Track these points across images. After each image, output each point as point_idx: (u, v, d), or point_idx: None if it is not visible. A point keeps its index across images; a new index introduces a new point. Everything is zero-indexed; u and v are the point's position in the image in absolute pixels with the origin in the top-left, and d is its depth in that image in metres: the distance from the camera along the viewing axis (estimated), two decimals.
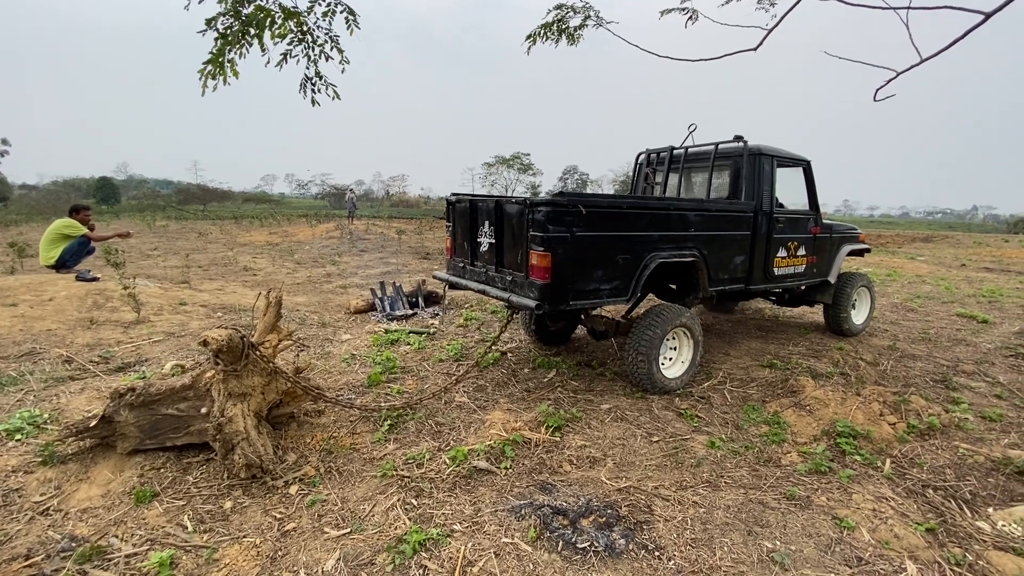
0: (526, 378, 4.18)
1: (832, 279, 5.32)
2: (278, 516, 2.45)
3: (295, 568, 2.13)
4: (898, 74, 2.53)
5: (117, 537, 2.26)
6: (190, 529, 2.34)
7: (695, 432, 3.38)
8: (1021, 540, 2.42)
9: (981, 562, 2.28)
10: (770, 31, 2.92)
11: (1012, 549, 2.36)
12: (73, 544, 2.18)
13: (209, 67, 2.34)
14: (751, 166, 4.42)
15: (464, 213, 4.10)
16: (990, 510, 2.68)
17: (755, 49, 2.98)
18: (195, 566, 2.13)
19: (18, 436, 2.86)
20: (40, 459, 2.66)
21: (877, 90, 2.62)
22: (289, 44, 2.65)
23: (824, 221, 5.14)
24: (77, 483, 2.57)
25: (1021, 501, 2.74)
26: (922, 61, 2.47)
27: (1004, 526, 2.53)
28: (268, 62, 2.62)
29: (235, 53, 2.38)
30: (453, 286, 4.35)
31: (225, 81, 2.42)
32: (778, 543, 2.34)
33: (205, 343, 2.55)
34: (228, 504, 2.51)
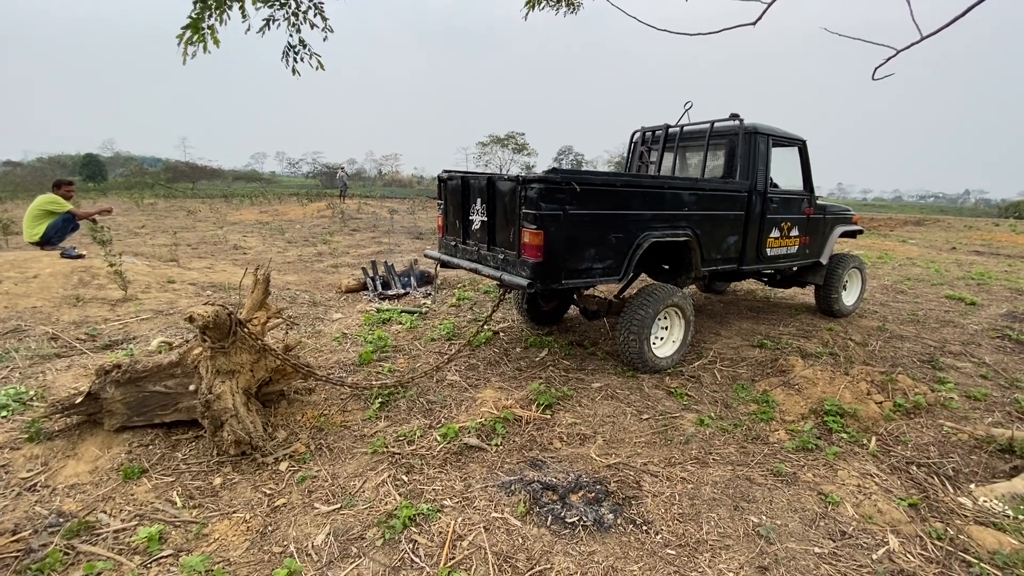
0: (518, 357, 4.18)
1: (824, 260, 5.33)
2: (268, 492, 2.45)
3: (285, 543, 2.13)
4: (897, 52, 2.46)
5: (105, 513, 2.25)
6: (179, 505, 2.33)
7: (685, 410, 3.40)
8: (1001, 515, 2.47)
9: (962, 536, 2.33)
10: (769, 4, 2.85)
11: (992, 524, 2.41)
12: (61, 519, 2.17)
13: (188, 33, 2.24)
14: (746, 145, 4.37)
15: (456, 190, 4.03)
16: (972, 486, 2.73)
17: (754, 23, 2.90)
18: (184, 541, 2.13)
19: (4, 413, 2.83)
20: (27, 436, 2.63)
21: (876, 68, 2.57)
22: (270, 8, 2.55)
23: (818, 202, 5.13)
24: (64, 459, 2.55)
25: (1003, 477, 2.80)
26: (923, 39, 2.41)
27: (985, 502, 2.58)
28: (248, 29, 2.52)
29: (215, 19, 2.28)
30: (445, 264, 4.31)
31: (206, 49, 2.32)
32: (764, 518, 2.38)
33: (191, 319, 2.51)
34: (217, 480, 2.51)
